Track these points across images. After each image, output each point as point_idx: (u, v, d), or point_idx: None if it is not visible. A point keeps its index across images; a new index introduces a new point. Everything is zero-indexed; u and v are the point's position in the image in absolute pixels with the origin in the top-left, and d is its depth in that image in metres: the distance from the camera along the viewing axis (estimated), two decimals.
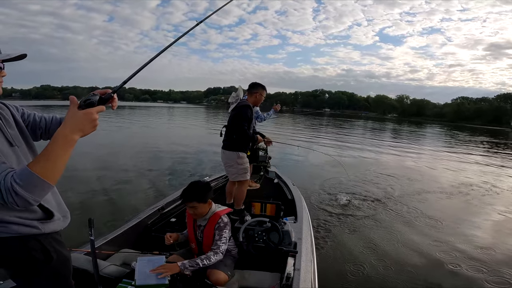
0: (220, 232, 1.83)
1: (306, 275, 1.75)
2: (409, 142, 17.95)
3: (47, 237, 1.04)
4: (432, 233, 4.10)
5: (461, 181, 7.36)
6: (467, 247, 3.70)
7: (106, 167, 7.07)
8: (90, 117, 0.85)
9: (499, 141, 22.87)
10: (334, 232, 3.92)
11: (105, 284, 1.45)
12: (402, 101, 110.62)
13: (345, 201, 5.20)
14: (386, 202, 5.30)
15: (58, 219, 1.09)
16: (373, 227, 4.18)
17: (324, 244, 3.57)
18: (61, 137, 0.83)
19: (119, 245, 2.03)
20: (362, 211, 4.80)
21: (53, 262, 1.05)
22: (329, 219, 4.36)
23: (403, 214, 4.76)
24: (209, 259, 1.70)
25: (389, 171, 8.20)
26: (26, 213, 0.97)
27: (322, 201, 5.14)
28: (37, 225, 1.00)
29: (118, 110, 8.32)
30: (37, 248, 1.01)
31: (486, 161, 11.42)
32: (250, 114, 2.90)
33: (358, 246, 3.58)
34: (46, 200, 1.03)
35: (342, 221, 4.32)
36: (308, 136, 16.71)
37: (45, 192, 0.84)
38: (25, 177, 0.78)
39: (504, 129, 50.75)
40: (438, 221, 4.51)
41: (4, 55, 0.92)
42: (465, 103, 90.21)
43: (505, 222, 4.78)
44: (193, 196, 1.80)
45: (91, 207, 4.52)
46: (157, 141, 11.93)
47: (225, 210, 1.94)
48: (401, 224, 4.34)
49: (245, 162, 2.94)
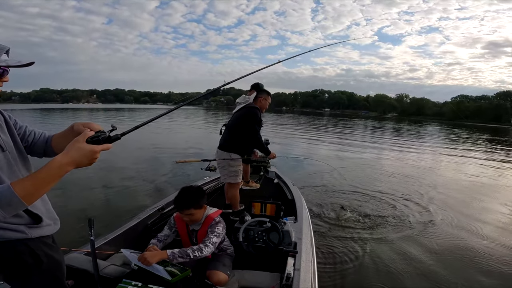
0: (212, 229, 1.79)
1: (306, 275, 1.75)
2: (413, 140, 17.95)
3: (35, 241, 1.03)
4: (433, 231, 4.10)
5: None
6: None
7: (106, 167, 7.07)
8: (93, 155, 0.84)
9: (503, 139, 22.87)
10: (334, 232, 3.92)
11: (105, 284, 1.45)
12: (402, 100, 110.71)
13: (345, 201, 5.19)
14: (387, 202, 5.30)
15: (48, 225, 1.08)
16: (373, 227, 4.18)
17: (324, 244, 3.56)
18: (57, 166, 0.81)
19: (119, 245, 2.03)
20: (362, 210, 4.79)
21: (44, 266, 1.05)
22: (329, 219, 4.36)
23: (403, 212, 4.76)
24: (201, 251, 1.64)
25: (390, 170, 8.21)
26: (13, 218, 0.96)
27: (322, 201, 5.14)
28: (24, 230, 1.00)
29: (118, 112, 8.29)
30: (26, 252, 1.01)
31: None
32: (260, 117, 2.80)
33: (359, 246, 3.57)
34: (35, 206, 1.02)
35: (342, 221, 4.32)
36: (308, 137, 16.71)
37: (15, 212, 0.82)
38: (4, 195, 0.76)
39: (504, 127, 50.68)
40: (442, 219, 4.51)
41: (15, 61, 0.92)
42: (464, 102, 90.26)
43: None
44: (189, 203, 1.75)
45: (91, 207, 4.52)
46: (157, 141, 11.92)
47: (216, 212, 1.91)
48: (401, 223, 4.33)
49: (238, 165, 2.84)
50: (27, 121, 1.20)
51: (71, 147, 0.83)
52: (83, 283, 1.46)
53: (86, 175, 6.16)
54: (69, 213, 4.07)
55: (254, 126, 2.77)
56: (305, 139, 15.43)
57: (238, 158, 2.85)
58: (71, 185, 5.30)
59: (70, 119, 26.04)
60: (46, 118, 26.93)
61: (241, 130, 2.84)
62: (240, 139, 2.86)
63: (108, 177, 6.29)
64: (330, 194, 5.62)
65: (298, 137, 16.10)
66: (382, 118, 71.31)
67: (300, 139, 15.14)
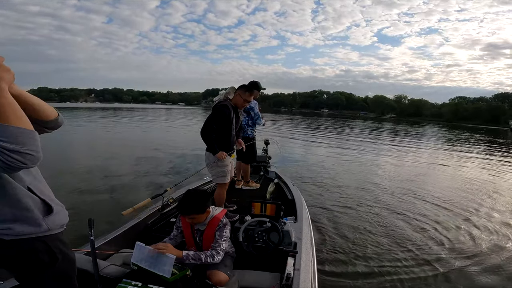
0: (221, 233, 1.83)
1: (306, 275, 1.75)
2: (414, 141, 18.02)
3: (52, 237, 1.04)
4: (434, 233, 4.12)
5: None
6: None
7: (106, 167, 7.05)
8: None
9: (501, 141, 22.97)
10: (335, 232, 3.92)
11: (105, 284, 1.45)
12: (400, 101, 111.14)
13: (345, 202, 5.20)
14: (387, 202, 5.32)
15: (59, 211, 1.09)
16: (373, 226, 4.18)
17: (324, 244, 3.56)
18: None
19: (119, 245, 2.03)
20: (363, 210, 4.80)
21: (58, 263, 1.05)
22: (329, 219, 4.36)
23: (403, 212, 4.77)
24: (213, 258, 1.73)
25: (391, 169, 8.23)
26: (27, 211, 0.97)
27: (322, 201, 5.15)
28: (41, 222, 1.00)
29: (116, 111, 8.26)
30: (43, 250, 1.01)
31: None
32: (222, 115, 2.69)
33: (359, 245, 3.58)
34: (42, 192, 1.04)
35: (342, 221, 4.33)
36: (307, 138, 16.71)
37: (29, 137, 0.83)
38: (2, 132, 0.79)
39: (502, 129, 50.91)
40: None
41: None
42: (462, 103, 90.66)
43: None
44: (191, 209, 1.76)
45: (90, 207, 4.50)
46: (157, 141, 11.90)
47: (222, 212, 1.93)
48: (400, 222, 4.35)
49: (225, 165, 2.79)
50: None
51: None
52: (83, 283, 1.45)
53: (86, 175, 6.14)
54: (69, 213, 4.04)
55: (208, 122, 2.69)
56: (304, 141, 15.43)
57: (224, 158, 2.76)
58: (72, 185, 5.28)
59: (68, 118, 25.95)
60: None
61: (208, 120, 2.76)
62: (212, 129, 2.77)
63: (109, 178, 6.26)
64: (330, 194, 5.63)
65: (297, 138, 16.11)
66: (381, 119, 71.52)
67: (299, 141, 15.15)
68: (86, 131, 15.97)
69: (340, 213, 4.64)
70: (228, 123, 2.77)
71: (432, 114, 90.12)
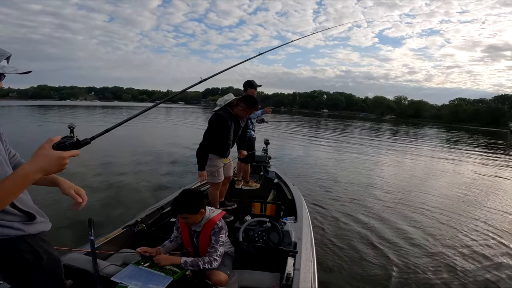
0: (217, 238, 1.81)
1: (306, 275, 1.75)
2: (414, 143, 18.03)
3: (34, 238, 1.05)
4: (435, 233, 4.12)
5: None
6: None
7: (106, 167, 7.05)
8: (61, 161, 0.81)
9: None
10: (334, 232, 3.92)
11: (105, 284, 1.44)
12: (400, 102, 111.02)
13: (345, 202, 5.20)
14: (387, 202, 5.32)
15: (42, 222, 1.10)
16: (373, 226, 4.19)
17: (324, 244, 3.56)
18: (22, 175, 0.79)
19: (119, 245, 2.02)
20: (363, 210, 4.81)
21: (44, 263, 1.06)
22: (329, 219, 4.36)
23: (403, 212, 4.78)
24: (211, 264, 1.73)
25: (391, 169, 8.23)
26: (7, 215, 0.98)
27: (322, 201, 5.15)
28: (20, 227, 1.01)
29: (116, 110, 8.27)
30: (26, 250, 1.02)
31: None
32: (217, 126, 2.67)
33: (359, 245, 3.57)
34: (26, 205, 1.04)
35: (342, 221, 4.32)
36: (306, 139, 16.71)
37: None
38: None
39: (502, 131, 50.92)
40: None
41: (12, 69, 0.92)
42: (462, 105, 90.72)
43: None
44: (184, 208, 1.75)
45: (90, 207, 4.49)
46: (157, 141, 11.89)
47: (219, 214, 1.91)
48: (400, 222, 4.35)
49: (214, 165, 2.79)
50: (23, 118, 1.19)
51: (37, 155, 0.80)
52: (83, 283, 1.45)
53: (86, 175, 6.13)
54: (69, 213, 4.04)
55: (205, 138, 2.71)
56: (303, 140, 15.43)
57: (214, 159, 2.80)
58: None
59: (66, 116, 25.89)
60: (42, 115, 26.74)
61: (205, 134, 2.77)
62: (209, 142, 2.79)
63: (109, 178, 6.26)
64: (330, 194, 5.63)
65: (296, 138, 16.11)
66: (380, 120, 71.54)
67: (299, 141, 15.15)
68: (86, 131, 15.92)
69: (340, 213, 4.64)
70: (224, 132, 2.76)
71: (431, 115, 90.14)
